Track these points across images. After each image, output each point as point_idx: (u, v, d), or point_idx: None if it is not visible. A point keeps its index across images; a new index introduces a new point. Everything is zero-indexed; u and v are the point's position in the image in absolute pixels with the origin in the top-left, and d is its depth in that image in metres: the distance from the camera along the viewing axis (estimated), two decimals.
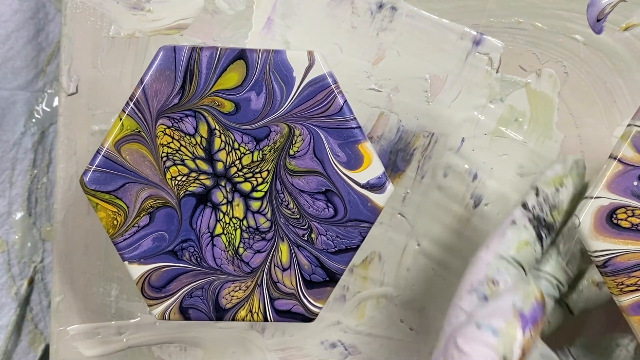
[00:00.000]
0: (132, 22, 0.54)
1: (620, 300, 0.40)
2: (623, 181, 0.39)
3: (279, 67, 0.39)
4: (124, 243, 0.40)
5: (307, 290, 0.41)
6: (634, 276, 0.39)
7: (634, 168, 0.39)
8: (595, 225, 0.39)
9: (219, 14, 0.53)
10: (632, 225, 0.39)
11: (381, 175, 0.39)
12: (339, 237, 0.40)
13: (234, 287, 0.41)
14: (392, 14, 0.53)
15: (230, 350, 0.58)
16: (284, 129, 0.39)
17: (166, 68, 0.39)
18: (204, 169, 0.39)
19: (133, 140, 0.39)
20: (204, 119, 0.39)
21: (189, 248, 0.40)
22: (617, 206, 0.39)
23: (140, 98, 0.39)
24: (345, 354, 0.57)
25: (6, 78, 0.59)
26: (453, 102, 0.53)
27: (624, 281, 0.39)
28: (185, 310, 0.41)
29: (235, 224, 0.40)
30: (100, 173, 0.39)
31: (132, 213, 0.40)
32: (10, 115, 0.60)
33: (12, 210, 0.62)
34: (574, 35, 0.52)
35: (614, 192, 0.39)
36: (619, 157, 0.39)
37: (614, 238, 0.39)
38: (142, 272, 0.40)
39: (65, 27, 0.53)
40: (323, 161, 0.39)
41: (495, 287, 0.41)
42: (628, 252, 0.39)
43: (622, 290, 0.39)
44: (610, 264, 0.39)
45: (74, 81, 0.54)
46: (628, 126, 0.39)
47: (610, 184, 0.39)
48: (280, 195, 0.40)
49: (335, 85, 0.39)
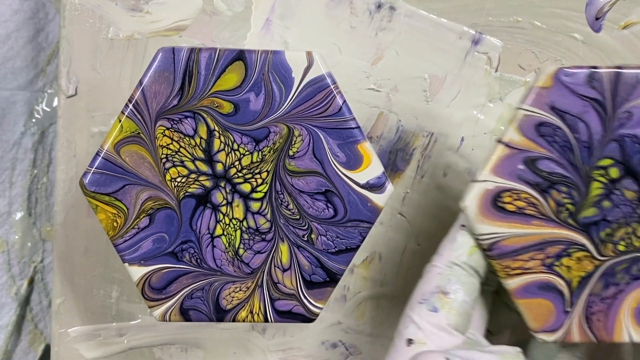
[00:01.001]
0: (131, 24, 0.54)
1: (507, 283, 0.40)
2: (509, 165, 0.39)
3: (278, 67, 0.39)
4: (124, 245, 0.40)
5: (308, 290, 0.41)
6: (519, 259, 0.39)
7: (519, 152, 0.39)
8: (481, 209, 0.39)
9: (217, 15, 0.53)
10: (517, 208, 0.39)
11: (381, 175, 0.39)
12: (339, 238, 0.40)
13: (235, 288, 0.41)
14: (390, 13, 0.53)
15: (231, 351, 0.58)
16: (283, 130, 0.39)
17: (165, 69, 0.39)
18: (204, 170, 0.39)
19: (132, 142, 0.39)
20: (203, 120, 0.39)
21: (189, 249, 0.40)
22: (502, 190, 0.39)
23: (139, 100, 0.39)
24: (346, 354, 0.57)
25: (6, 78, 0.59)
26: (452, 101, 0.53)
27: (510, 264, 0.40)
28: (185, 311, 0.41)
29: (235, 225, 0.40)
30: (99, 175, 0.39)
31: (132, 215, 0.40)
32: (10, 115, 0.60)
33: (12, 210, 0.62)
34: (573, 34, 0.52)
35: (500, 176, 0.39)
36: (505, 140, 0.39)
37: (499, 221, 0.39)
38: (142, 273, 0.40)
39: (64, 30, 0.53)
40: (322, 161, 0.39)
41: (446, 298, 0.41)
42: (513, 235, 0.39)
43: (508, 274, 0.40)
44: (495, 247, 0.39)
45: (73, 83, 0.54)
46: (515, 109, 0.39)
47: (496, 167, 0.39)
48: (280, 196, 0.40)
49: (334, 85, 0.39)
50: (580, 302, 0.40)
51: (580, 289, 0.40)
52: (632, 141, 0.38)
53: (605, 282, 0.40)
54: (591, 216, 0.39)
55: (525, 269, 0.40)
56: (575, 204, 0.39)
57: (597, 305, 0.40)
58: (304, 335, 0.57)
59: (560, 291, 0.40)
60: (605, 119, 0.38)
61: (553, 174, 0.39)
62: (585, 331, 0.40)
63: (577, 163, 0.39)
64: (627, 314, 0.40)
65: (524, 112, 0.38)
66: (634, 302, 0.40)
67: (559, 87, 0.38)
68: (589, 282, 0.40)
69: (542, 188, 0.39)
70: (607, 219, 0.39)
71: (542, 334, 0.40)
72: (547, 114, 0.38)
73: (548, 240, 0.39)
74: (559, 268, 0.40)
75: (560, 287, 0.40)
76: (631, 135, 0.38)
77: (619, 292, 0.40)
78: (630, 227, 0.39)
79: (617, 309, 0.40)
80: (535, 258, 0.39)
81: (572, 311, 0.40)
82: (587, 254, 0.40)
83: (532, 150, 0.39)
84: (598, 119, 0.38)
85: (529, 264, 0.40)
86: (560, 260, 0.40)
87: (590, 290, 0.40)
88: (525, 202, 0.39)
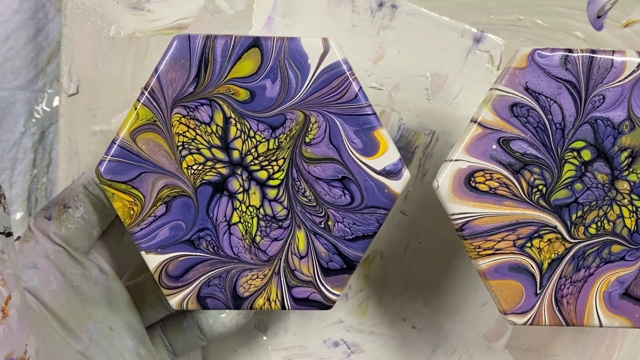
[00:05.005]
0: (132, 22, 0.54)
1: (478, 264, 0.40)
2: (482, 144, 0.39)
3: (294, 54, 0.39)
4: (140, 233, 0.40)
5: (325, 277, 0.40)
6: (490, 240, 0.40)
7: (493, 132, 0.39)
8: (453, 188, 0.39)
9: (219, 14, 0.54)
10: (489, 188, 0.39)
11: (397, 162, 0.39)
12: (355, 224, 0.40)
13: (252, 276, 0.40)
14: (392, 12, 0.53)
15: (233, 349, 0.57)
16: (300, 117, 0.39)
17: (181, 57, 0.39)
18: (220, 157, 0.39)
19: (148, 130, 0.39)
20: (220, 107, 0.39)
21: (205, 237, 0.40)
22: (475, 169, 0.39)
23: (155, 87, 0.39)
24: (348, 352, 0.57)
25: (6, 78, 0.59)
26: (454, 99, 0.54)
27: (481, 245, 0.40)
28: (202, 299, 0.40)
29: (252, 213, 0.40)
30: (115, 163, 0.39)
31: (149, 203, 0.39)
32: (10, 115, 0.60)
33: (12, 210, 0.62)
34: (575, 32, 0.53)
35: (473, 155, 0.39)
36: (479, 120, 0.39)
37: (471, 201, 0.39)
38: (159, 261, 0.40)
39: (65, 28, 0.53)
40: (339, 148, 0.39)
41: (63, 210, 0.44)
42: (485, 215, 0.39)
43: (479, 254, 0.40)
44: (467, 227, 0.39)
45: (75, 82, 0.54)
46: (490, 90, 0.39)
47: (469, 147, 0.39)
48: (296, 183, 0.40)
49: (350, 72, 0.39)
50: (551, 285, 0.40)
51: (551, 271, 0.40)
52: (604, 124, 0.39)
53: (576, 265, 0.40)
54: (563, 198, 0.40)
55: (496, 250, 0.40)
56: (548, 185, 0.39)
57: (568, 288, 0.40)
58: (306, 334, 0.57)
59: (531, 273, 0.40)
60: (579, 101, 0.39)
61: (526, 155, 0.39)
62: (555, 314, 0.40)
63: (550, 144, 0.39)
64: (597, 297, 0.40)
65: (498, 92, 0.39)
66: (604, 286, 0.40)
67: (534, 68, 0.39)
68: (559, 264, 0.40)
69: (515, 169, 0.39)
70: (579, 201, 0.40)
71: (512, 316, 0.40)
72: (521, 95, 0.39)
73: (520, 222, 0.40)
74: (530, 249, 0.40)
75: (531, 269, 0.40)
76: (604, 118, 0.39)
77: (590, 276, 0.40)
78: (601, 210, 0.40)
79: (587, 292, 0.40)
80: (506, 239, 0.40)
81: (542, 293, 0.40)
82: (558, 236, 0.40)
83: (505, 131, 0.39)
84: (571, 101, 0.39)
85: (500, 245, 0.40)
86: (531, 242, 0.40)
87: (561, 272, 0.40)
88: (498, 183, 0.39)
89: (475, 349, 0.57)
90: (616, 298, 0.40)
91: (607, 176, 0.39)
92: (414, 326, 0.57)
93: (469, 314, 0.57)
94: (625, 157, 0.39)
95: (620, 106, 0.39)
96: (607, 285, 0.40)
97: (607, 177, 0.39)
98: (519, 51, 0.39)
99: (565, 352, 0.57)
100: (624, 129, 0.39)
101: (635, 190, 0.40)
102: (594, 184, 0.39)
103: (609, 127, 0.39)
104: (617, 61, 0.39)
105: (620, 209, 0.40)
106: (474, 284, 0.56)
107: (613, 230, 0.40)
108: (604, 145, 0.39)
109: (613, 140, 0.39)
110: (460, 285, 0.56)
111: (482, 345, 0.57)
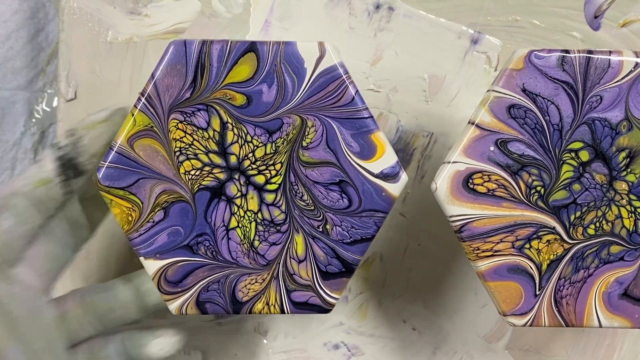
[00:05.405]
0: (130, 27, 0.54)
1: (477, 266, 0.40)
2: (480, 146, 0.39)
3: (290, 58, 0.39)
4: (139, 239, 0.40)
5: (324, 281, 0.40)
6: (489, 241, 0.40)
7: (490, 133, 0.39)
8: (451, 190, 0.39)
9: (216, 17, 0.54)
10: (488, 190, 0.39)
11: (395, 165, 0.39)
12: (354, 228, 0.40)
13: (250, 280, 0.40)
14: (389, 14, 0.53)
15: (233, 353, 0.57)
16: (297, 121, 0.39)
17: (177, 62, 0.39)
18: (218, 162, 0.39)
19: (146, 136, 0.39)
20: (216, 112, 0.39)
21: (204, 242, 0.40)
22: (473, 171, 0.39)
23: (152, 93, 0.39)
24: (349, 355, 0.57)
25: (6, 78, 0.59)
26: (452, 101, 0.54)
27: (480, 246, 0.40)
28: (202, 304, 0.41)
29: (250, 217, 0.40)
30: (113, 169, 0.39)
31: (147, 208, 0.39)
32: (10, 115, 0.60)
33: None
34: (572, 33, 0.53)
35: (471, 157, 0.39)
36: (477, 122, 0.39)
37: (470, 203, 0.39)
38: (158, 267, 0.40)
39: (62, 33, 0.53)
40: (336, 152, 0.39)
41: None
42: (484, 217, 0.40)
43: (478, 256, 0.40)
44: (466, 229, 0.40)
45: (73, 87, 0.54)
46: (487, 92, 0.40)
47: (467, 149, 0.39)
48: (294, 187, 0.40)
49: (346, 75, 0.39)
50: (550, 286, 0.40)
51: (550, 272, 0.40)
52: (602, 124, 0.39)
53: (575, 266, 0.40)
54: (561, 199, 0.40)
55: (495, 252, 0.40)
56: (546, 186, 0.39)
57: (567, 288, 0.40)
58: (306, 337, 0.57)
59: (530, 274, 0.40)
60: (576, 102, 0.39)
61: (524, 156, 0.39)
62: (555, 315, 0.40)
63: (548, 146, 0.39)
64: (596, 298, 0.40)
65: (495, 93, 0.39)
66: (603, 286, 0.40)
67: (531, 70, 0.39)
68: (558, 265, 0.40)
69: (513, 170, 0.39)
70: (578, 202, 0.40)
71: (511, 318, 0.40)
72: (518, 96, 0.39)
73: (518, 223, 0.40)
74: (529, 251, 0.40)
75: (530, 270, 0.40)
76: (601, 119, 0.39)
77: (589, 276, 0.40)
78: (600, 210, 0.40)
79: (587, 293, 0.40)
80: (505, 240, 0.40)
81: (541, 294, 0.40)
82: (557, 237, 0.40)
83: (503, 132, 0.39)
84: (569, 102, 0.39)
85: (499, 246, 0.40)
86: (530, 243, 0.40)
87: (560, 273, 0.40)
88: (496, 184, 0.39)
89: (475, 350, 0.57)
90: (615, 298, 0.40)
91: (605, 177, 0.39)
92: (414, 328, 0.57)
93: (469, 315, 0.57)
94: (623, 157, 0.39)
95: (617, 106, 0.39)
96: (606, 285, 0.40)
97: (605, 177, 0.39)
98: (515, 52, 0.39)
99: (565, 352, 0.57)
100: (621, 129, 0.39)
101: (634, 191, 0.40)
102: (592, 184, 0.39)
103: (607, 128, 0.39)
104: (614, 61, 0.39)
105: (618, 209, 0.40)
106: (474, 285, 0.56)
107: (612, 230, 0.40)
108: (601, 145, 0.39)
109: (611, 141, 0.39)
110: (460, 287, 0.56)
111: (483, 346, 0.57)
